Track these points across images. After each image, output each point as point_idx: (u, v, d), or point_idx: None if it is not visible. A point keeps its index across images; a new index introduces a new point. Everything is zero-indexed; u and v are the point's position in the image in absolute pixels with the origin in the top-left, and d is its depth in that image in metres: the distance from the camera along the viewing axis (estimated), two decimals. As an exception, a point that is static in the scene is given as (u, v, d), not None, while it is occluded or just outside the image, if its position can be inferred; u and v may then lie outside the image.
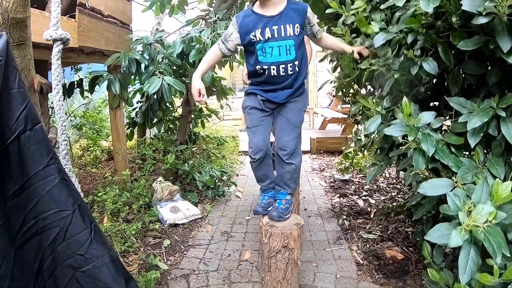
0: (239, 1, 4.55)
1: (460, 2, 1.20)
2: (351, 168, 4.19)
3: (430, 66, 1.47)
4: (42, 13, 2.65)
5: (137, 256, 2.94)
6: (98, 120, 5.61)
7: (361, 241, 3.03)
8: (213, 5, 4.78)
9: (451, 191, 1.18)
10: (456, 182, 1.27)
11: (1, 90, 1.05)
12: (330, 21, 2.95)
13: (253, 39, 2.10)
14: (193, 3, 5.26)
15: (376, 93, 2.45)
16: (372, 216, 3.43)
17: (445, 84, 1.99)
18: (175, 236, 3.33)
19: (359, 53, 2.18)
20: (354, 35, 2.32)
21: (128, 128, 4.29)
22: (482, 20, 1.14)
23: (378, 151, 2.34)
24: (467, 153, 1.47)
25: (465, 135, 1.34)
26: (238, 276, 2.70)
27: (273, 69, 2.13)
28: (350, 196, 4.09)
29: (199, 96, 2.17)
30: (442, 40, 1.48)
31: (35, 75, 2.08)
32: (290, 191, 2.39)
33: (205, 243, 3.23)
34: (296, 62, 2.13)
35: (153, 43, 3.47)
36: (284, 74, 2.14)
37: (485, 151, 1.40)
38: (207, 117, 4.87)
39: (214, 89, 4.56)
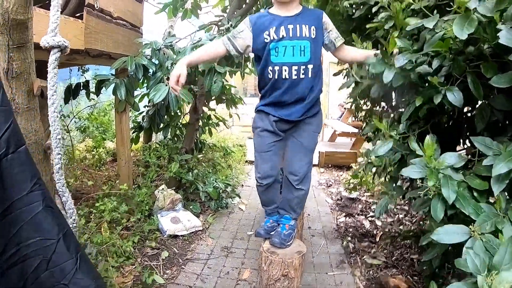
0: (253, 8, 4.50)
1: (497, 34, 1.10)
2: (358, 187, 4.09)
3: (455, 97, 1.36)
4: (47, 13, 2.59)
5: (134, 267, 2.85)
6: (104, 122, 5.56)
7: (365, 266, 2.92)
8: (227, 11, 4.74)
9: (470, 246, 1.08)
10: (473, 231, 1.17)
11: None
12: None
13: (266, 39, 2.01)
14: (207, 8, 5.24)
15: (392, 114, 2.33)
16: (377, 239, 3.31)
17: (469, 115, 1.88)
18: (174, 248, 3.24)
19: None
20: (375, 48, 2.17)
21: (134, 132, 4.23)
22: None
23: (389, 178, 2.24)
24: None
25: (489, 179, 1.24)
26: (236, 296, 2.60)
27: (285, 70, 2.01)
28: (356, 216, 3.97)
29: (176, 83, 2.01)
30: (471, 69, 1.37)
31: (35, 78, 2.00)
32: (295, 216, 2.30)
33: (204, 257, 3.13)
34: (310, 66, 2.02)
35: (163, 48, 3.38)
36: (296, 77, 2.01)
37: (508, 197, 1.29)
38: (215, 125, 4.79)
39: (224, 98, 4.48)
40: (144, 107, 4.31)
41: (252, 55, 2.26)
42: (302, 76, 2.02)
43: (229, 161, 5.54)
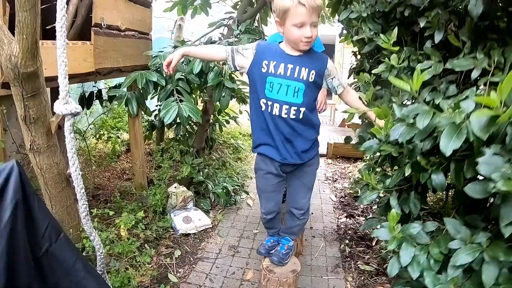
0: (263, 9, 4.56)
1: (478, 160, 1.15)
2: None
3: (437, 180, 1.48)
4: (55, 44, 2.73)
5: (150, 266, 3.14)
6: (118, 126, 5.80)
7: (358, 272, 3.14)
8: (238, 7, 4.80)
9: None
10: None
11: (26, 218, 1.20)
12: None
13: (263, 69, 2.06)
14: (215, 4, 5.29)
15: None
16: (374, 243, 3.53)
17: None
18: (186, 247, 3.53)
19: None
20: (379, 87, 2.29)
21: (147, 131, 4.47)
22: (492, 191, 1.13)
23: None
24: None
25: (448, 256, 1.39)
26: (239, 297, 2.87)
27: (276, 107, 2.08)
28: (357, 217, 4.16)
29: (167, 67, 2.19)
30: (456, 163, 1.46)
31: (51, 120, 2.18)
32: (294, 238, 2.54)
33: (213, 257, 3.41)
34: (302, 109, 2.08)
35: None
36: (285, 116, 2.08)
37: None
38: (225, 123, 4.99)
39: (234, 95, 4.65)
40: (156, 106, 4.51)
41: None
42: (292, 116, 2.08)
43: (238, 154, 5.75)
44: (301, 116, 2.10)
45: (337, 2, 3.28)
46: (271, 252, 2.54)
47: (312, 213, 4.23)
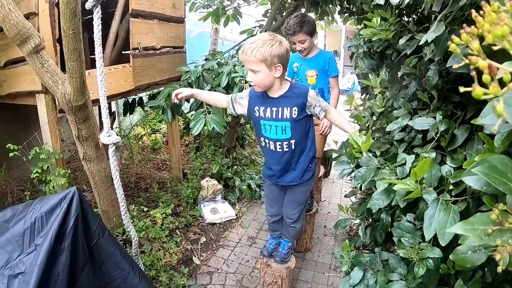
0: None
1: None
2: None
3: (385, 220, 1.91)
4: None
5: (178, 248, 3.70)
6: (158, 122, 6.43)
7: (355, 272, 3.57)
8: (268, 15, 5.08)
9: None
10: None
11: (83, 223, 1.82)
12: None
13: (256, 113, 2.38)
14: (245, 8, 5.60)
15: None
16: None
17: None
18: (211, 234, 4.09)
19: None
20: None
21: (184, 129, 5.02)
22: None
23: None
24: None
25: None
26: (248, 282, 3.38)
27: (271, 144, 2.42)
28: (371, 220, 4.47)
29: (175, 97, 2.59)
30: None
31: (99, 138, 2.73)
32: (292, 241, 3.01)
33: (233, 245, 3.94)
34: (292, 141, 2.37)
35: (203, 73, 3.90)
36: (280, 150, 2.41)
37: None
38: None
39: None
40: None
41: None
42: (286, 149, 2.41)
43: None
44: (293, 147, 2.42)
45: (357, 20, 3.66)
46: (272, 254, 3.01)
47: (328, 212, 4.65)
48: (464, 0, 1.36)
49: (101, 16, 2.15)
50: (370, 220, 2.39)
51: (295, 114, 2.32)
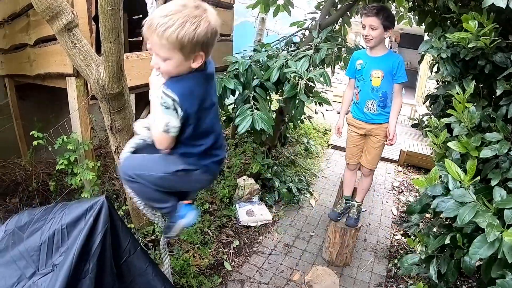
0: (348, 12, 4.49)
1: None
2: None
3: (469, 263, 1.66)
4: (140, 55, 2.96)
5: (210, 251, 3.47)
6: None
7: (397, 298, 3.25)
8: (321, 7, 4.70)
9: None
10: None
11: (113, 238, 1.56)
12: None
13: None
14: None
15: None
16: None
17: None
18: (245, 238, 3.84)
19: None
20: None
21: (224, 121, 4.76)
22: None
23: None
24: None
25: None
26: (282, 296, 3.14)
27: None
28: (412, 237, 4.14)
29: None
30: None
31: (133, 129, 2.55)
32: None
33: (267, 252, 3.69)
34: None
35: (251, 65, 3.68)
36: None
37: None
38: (300, 123, 5.12)
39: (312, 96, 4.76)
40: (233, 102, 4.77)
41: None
42: None
43: (309, 151, 5.88)
44: None
45: (432, 22, 3.28)
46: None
47: (369, 224, 4.35)
48: None
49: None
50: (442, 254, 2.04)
51: None
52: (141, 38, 3.23)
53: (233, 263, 3.48)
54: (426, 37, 3.06)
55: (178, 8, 1.40)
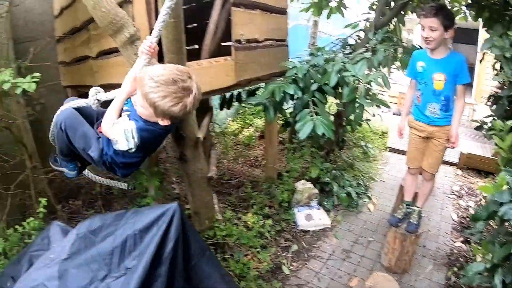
0: (402, 12, 4.37)
1: None
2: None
3: None
4: (200, 64, 3.04)
5: (269, 255, 3.49)
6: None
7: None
8: (375, 8, 4.62)
9: None
10: None
11: (183, 244, 1.65)
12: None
13: None
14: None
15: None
16: (477, 285, 3.41)
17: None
18: (303, 242, 3.86)
19: None
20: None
21: (282, 125, 4.79)
22: None
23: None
24: None
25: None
26: (340, 302, 3.13)
27: None
28: (473, 244, 3.89)
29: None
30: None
31: (198, 136, 2.67)
32: None
33: (325, 257, 3.69)
34: None
35: (308, 70, 3.67)
36: None
37: None
38: (358, 124, 5.05)
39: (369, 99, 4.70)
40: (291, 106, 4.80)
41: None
42: None
43: (367, 154, 5.80)
44: None
45: (490, 18, 3.16)
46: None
47: (428, 230, 4.20)
48: None
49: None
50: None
51: None
52: (196, 46, 3.31)
53: (291, 267, 3.51)
54: (480, 31, 2.96)
55: (168, 79, 1.59)
